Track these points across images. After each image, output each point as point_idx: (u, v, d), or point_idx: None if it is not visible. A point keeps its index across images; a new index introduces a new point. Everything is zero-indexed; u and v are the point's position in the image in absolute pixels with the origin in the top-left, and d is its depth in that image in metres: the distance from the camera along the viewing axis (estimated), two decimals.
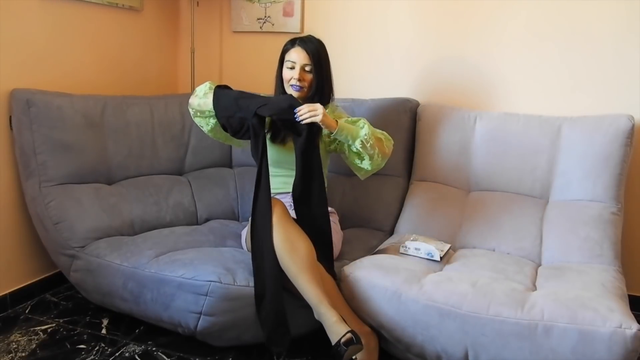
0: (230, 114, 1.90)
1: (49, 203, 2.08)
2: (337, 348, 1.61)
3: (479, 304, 1.64)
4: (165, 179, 2.44)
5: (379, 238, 2.25)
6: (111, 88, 2.55)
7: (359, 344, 1.62)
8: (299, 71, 1.98)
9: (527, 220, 2.13)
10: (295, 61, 1.99)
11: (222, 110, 1.92)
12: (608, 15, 2.23)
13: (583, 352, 1.52)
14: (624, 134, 2.06)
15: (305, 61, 1.99)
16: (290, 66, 2.00)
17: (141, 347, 1.95)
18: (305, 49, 1.99)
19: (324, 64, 2.03)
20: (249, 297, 1.80)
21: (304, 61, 1.99)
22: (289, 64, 2.01)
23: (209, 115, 2.00)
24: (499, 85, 2.45)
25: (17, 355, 1.88)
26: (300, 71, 1.98)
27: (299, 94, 2.00)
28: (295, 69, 1.99)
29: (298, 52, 2.00)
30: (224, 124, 1.95)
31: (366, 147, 1.88)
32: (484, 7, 2.43)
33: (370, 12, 2.63)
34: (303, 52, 1.99)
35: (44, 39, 2.25)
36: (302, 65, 1.99)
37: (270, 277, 1.77)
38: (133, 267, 1.93)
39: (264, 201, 1.82)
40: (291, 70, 2.00)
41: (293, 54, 2.00)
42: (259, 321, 1.79)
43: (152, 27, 2.84)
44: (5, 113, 2.13)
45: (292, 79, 2.00)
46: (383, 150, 1.94)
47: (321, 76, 2.02)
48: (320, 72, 2.02)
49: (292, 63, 2.00)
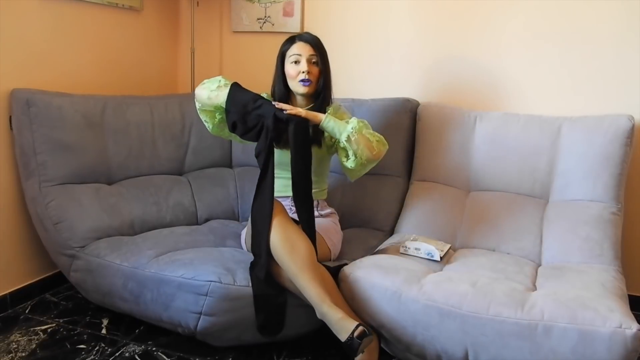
0: (247, 111, 1.87)
1: (49, 203, 2.08)
2: (349, 343, 1.60)
3: (479, 304, 1.64)
4: (165, 179, 2.44)
5: (379, 238, 2.25)
6: (111, 88, 2.54)
7: (370, 335, 1.63)
8: (307, 64, 1.95)
9: (527, 220, 2.13)
10: (300, 54, 1.95)
11: (238, 106, 1.89)
12: (608, 15, 2.23)
13: (583, 352, 1.52)
14: (624, 134, 2.06)
15: (311, 52, 1.96)
16: (295, 60, 1.96)
17: (141, 347, 1.95)
18: (307, 42, 1.97)
19: (326, 57, 2.02)
20: (248, 297, 1.80)
21: (310, 52, 1.96)
22: (294, 57, 1.96)
23: (217, 109, 1.97)
24: (499, 86, 2.45)
25: (17, 355, 1.88)
26: (308, 64, 1.95)
27: (308, 89, 1.97)
28: (302, 62, 1.95)
29: (301, 46, 1.97)
30: (235, 120, 1.90)
31: (351, 142, 1.85)
32: (484, 7, 2.43)
33: (370, 12, 2.63)
34: (306, 45, 1.97)
35: (44, 39, 2.25)
36: (309, 57, 1.95)
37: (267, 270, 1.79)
38: (133, 267, 1.93)
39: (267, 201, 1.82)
40: (296, 65, 1.96)
41: (296, 48, 1.97)
42: (254, 306, 1.79)
43: (152, 27, 2.84)
44: (5, 113, 2.13)
45: (300, 74, 1.95)
46: (370, 149, 1.87)
47: (326, 69, 2.01)
48: (325, 65, 2.00)
49: (297, 56, 1.95)
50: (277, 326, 1.82)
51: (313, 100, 2.03)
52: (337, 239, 2.07)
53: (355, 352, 1.62)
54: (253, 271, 1.83)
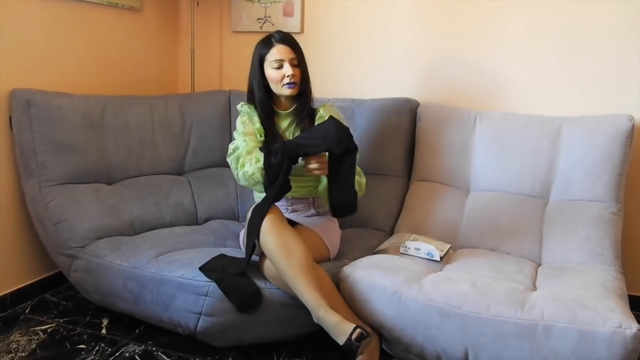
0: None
1: (49, 203, 2.08)
2: (348, 345, 1.60)
3: (479, 304, 1.64)
4: (165, 179, 2.44)
5: (379, 238, 2.25)
6: (111, 88, 2.54)
7: (369, 336, 1.62)
8: (290, 67, 1.94)
9: (527, 220, 2.13)
10: (282, 58, 1.94)
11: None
12: (608, 15, 2.23)
13: (583, 352, 1.52)
14: (624, 134, 2.06)
15: (292, 55, 1.95)
16: (277, 65, 1.94)
17: (141, 347, 1.95)
18: (286, 44, 1.96)
19: (303, 55, 2.01)
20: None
21: (291, 55, 1.95)
22: (275, 63, 1.94)
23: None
24: (499, 85, 2.45)
25: (17, 355, 1.88)
26: (291, 67, 1.94)
27: (293, 90, 1.96)
28: (285, 66, 1.94)
29: (281, 49, 1.95)
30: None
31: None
32: (484, 7, 2.43)
33: (370, 12, 2.63)
34: (286, 47, 1.95)
35: (44, 39, 2.25)
36: (290, 60, 1.94)
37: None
38: (133, 267, 1.93)
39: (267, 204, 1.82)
40: (279, 70, 1.94)
41: (276, 52, 1.95)
42: (224, 294, 1.79)
43: (152, 27, 2.84)
44: (5, 113, 2.13)
45: (285, 78, 1.94)
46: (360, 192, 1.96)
47: (305, 68, 2.01)
48: (304, 64, 2.00)
49: (279, 62, 1.94)
50: (254, 297, 1.80)
51: (296, 100, 2.03)
52: (335, 238, 2.07)
53: (354, 354, 1.61)
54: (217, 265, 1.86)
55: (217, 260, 1.89)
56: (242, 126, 2.01)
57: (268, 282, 1.84)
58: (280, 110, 2.05)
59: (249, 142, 1.95)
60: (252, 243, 1.81)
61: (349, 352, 1.61)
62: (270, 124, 2.01)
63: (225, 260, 1.89)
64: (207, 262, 1.87)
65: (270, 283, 1.83)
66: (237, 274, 1.81)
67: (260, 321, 1.84)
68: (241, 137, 1.97)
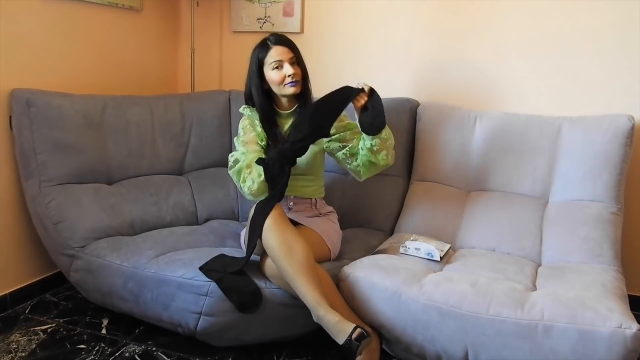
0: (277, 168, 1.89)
1: (49, 203, 2.08)
2: (348, 345, 1.60)
3: (479, 304, 1.64)
4: (165, 179, 2.44)
5: (379, 238, 2.25)
6: (111, 88, 2.54)
7: (369, 336, 1.62)
8: (290, 67, 1.95)
9: (527, 220, 2.13)
10: (281, 59, 1.95)
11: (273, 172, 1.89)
12: (608, 15, 2.23)
13: (583, 352, 1.52)
14: (624, 134, 2.06)
15: (290, 54, 1.97)
16: (277, 66, 1.95)
17: (141, 347, 1.95)
18: (283, 45, 1.97)
19: (300, 54, 2.02)
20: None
21: (289, 54, 1.96)
22: (275, 64, 1.95)
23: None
24: (499, 85, 2.45)
25: (17, 355, 1.88)
26: (291, 66, 1.95)
27: (295, 88, 1.97)
28: (285, 66, 1.95)
29: (279, 50, 1.96)
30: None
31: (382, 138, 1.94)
32: (484, 7, 2.43)
33: (370, 12, 2.63)
34: (283, 48, 1.97)
35: (44, 39, 2.25)
36: (289, 59, 1.96)
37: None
38: (133, 267, 1.93)
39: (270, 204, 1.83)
40: (279, 70, 1.95)
41: (274, 54, 1.96)
42: (224, 294, 1.79)
43: (152, 27, 2.84)
44: (5, 113, 2.13)
45: (286, 77, 1.95)
46: (391, 156, 1.99)
47: (304, 66, 2.02)
48: (303, 62, 2.02)
49: (279, 62, 1.95)
50: (254, 297, 1.80)
51: (297, 99, 2.04)
52: (336, 238, 2.07)
53: (353, 354, 1.61)
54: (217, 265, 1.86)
55: (217, 260, 1.89)
56: (243, 132, 2.02)
57: (268, 282, 1.84)
58: (282, 111, 2.06)
59: (248, 153, 1.95)
60: (254, 241, 1.81)
61: (349, 351, 1.61)
62: (272, 126, 2.02)
63: (225, 260, 1.90)
64: (207, 262, 1.87)
65: (271, 283, 1.84)
66: (237, 274, 1.81)
67: (260, 321, 1.84)
68: (241, 146, 1.99)
